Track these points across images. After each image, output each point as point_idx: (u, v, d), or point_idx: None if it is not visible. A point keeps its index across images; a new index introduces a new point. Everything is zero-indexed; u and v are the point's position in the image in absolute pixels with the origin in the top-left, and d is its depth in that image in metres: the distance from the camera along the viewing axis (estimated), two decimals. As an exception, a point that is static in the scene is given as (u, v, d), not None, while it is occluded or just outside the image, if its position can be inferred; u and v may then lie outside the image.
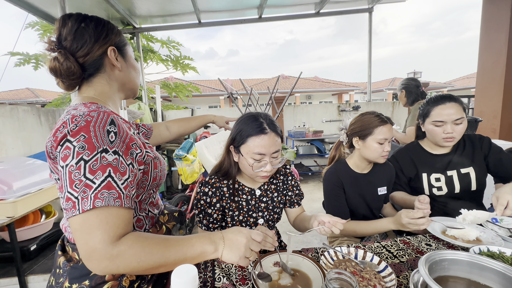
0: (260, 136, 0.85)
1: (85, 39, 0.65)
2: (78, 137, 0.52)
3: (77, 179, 0.50)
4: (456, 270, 0.66)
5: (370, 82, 4.74)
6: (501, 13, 2.96)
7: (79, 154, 0.51)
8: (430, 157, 1.26)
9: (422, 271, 0.61)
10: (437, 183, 1.23)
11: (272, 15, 4.34)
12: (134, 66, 0.77)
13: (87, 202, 0.49)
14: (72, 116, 0.56)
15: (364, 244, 0.95)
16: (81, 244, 0.49)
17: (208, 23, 4.36)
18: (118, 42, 0.71)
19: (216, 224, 0.95)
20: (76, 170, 0.50)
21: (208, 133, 4.31)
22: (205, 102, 16.37)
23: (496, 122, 3.12)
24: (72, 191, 0.50)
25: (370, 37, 4.52)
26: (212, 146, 3.25)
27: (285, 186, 1.07)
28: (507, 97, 3.03)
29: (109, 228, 0.49)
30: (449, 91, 15.48)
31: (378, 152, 1.12)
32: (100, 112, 0.57)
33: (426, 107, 1.21)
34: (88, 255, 0.48)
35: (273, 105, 3.73)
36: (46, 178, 1.66)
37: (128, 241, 0.51)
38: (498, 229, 0.97)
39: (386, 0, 4.28)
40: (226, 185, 0.97)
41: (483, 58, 3.21)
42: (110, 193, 0.51)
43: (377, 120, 1.12)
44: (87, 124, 0.54)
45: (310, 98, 17.28)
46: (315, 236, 2.43)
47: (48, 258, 1.73)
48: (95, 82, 0.69)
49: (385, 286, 0.71)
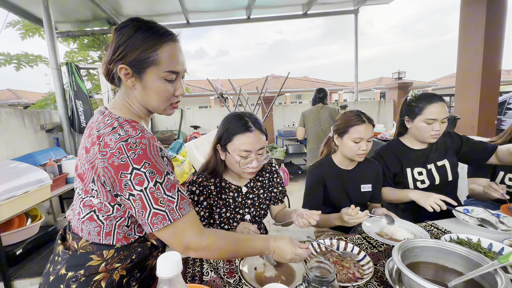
0: (246, 134, 0.90)
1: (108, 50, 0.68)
2: (143, 164, 0.60)
3: (160, 197, 0.60)
4: (426, 256, 0.72)
5: (357, 82, 4.86)
6: (477, 16, 3.11)
7: (152, 178, 0.60)
8: (411, 152, 1.33)
9: (395, 258, 0.66)
10: (420, 176, 1.30)
11: (260, 15, 4.38)
12: (155, 90, 0.67)
13: (175, 213, 0.61)
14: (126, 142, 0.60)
15: (346, 236, 1.00)
16: (177, 243, 0.63)
17: (197, 23, 4.36)
18: (137, 61, 0.64)
19: (204, 221, 0.98)
20: (157, 190, 0.60)
21: (198, 134, 4.31)
22: (195, 102, 16.26)
23: (474, 120, 3.27)
24: (158, 207, 0.60)
25: (356, 38, 4.63)
26: (202, 146, 3.26)
27: (271, 183, 1.11)
28: (484, 96, 3.18)
29: (193, 226, 0.64)
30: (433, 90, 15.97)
31: (353, 151, 1.16)
32: (149, 139, 0.64)
33: (419, 105, 1.24)
34: (186, 248, 0.64)
35: (262, 105, 3.78)
36: (32, 181, 1.63)
37: (212, 238, 0.66)
38: (469, 219, 1.05)
39: (371, 2, 4.40)
40: (213, 183, 1.00)
41: (462, 59, 3.37)
42: (184, 202, 0.64)
43: (355, 119, 1.16)
44: (144, 152, 0.61)
45: (300, 97, 17.45)
46: (304, 232, 2.49)
47: (34, 262, 1.71)
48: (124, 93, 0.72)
49: (363, 273, 0.76)
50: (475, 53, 3.16)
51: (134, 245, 0.71)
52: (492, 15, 3.03)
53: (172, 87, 0.69)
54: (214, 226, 1.03)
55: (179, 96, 0.72)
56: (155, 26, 0.66)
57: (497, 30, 3.07)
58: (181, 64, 0.69)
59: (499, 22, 3.07)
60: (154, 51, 0.64)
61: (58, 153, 2.42)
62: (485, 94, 3.16)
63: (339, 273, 0.76)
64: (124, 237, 0.69)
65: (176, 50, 0.68)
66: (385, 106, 4.96)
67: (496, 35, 3.08)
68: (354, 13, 4.51)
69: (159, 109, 0.73)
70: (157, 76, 0.66)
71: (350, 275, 0.75)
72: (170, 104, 0.73)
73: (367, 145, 1.15)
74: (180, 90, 0.71)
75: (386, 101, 4.94)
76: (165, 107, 0.72)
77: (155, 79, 0.66)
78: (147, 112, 0.74)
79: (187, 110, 4.63)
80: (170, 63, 0.66)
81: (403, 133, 1.40)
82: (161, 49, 0.64)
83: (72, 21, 3.83)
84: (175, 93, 0.71)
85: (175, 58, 0.67)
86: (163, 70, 0.65)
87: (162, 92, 0.68)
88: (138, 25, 0.65)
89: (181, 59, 0.69)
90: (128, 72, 0.65)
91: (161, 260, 0.41)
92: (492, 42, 3.08)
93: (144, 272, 0.75)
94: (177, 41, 0.68)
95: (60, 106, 2.70)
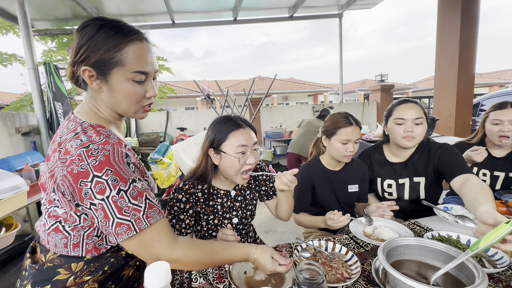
0: (239, 130, 0.92)
1: (71, 52, 0.64)
2: (104, 172, 0.56)
3: (124, 205, 0.57)
4: (409, 254, 0.74)
5: (342, 84, 4.98)
6: (453, 21, 3.28)
7: (115, 186, 0.57)
8: (385, 163, 1.32)
9: (381, 257, 0.68)
10: (388, 188, 1.30)
11: (247, 17, 4.39)
12: (122, 92, 0.63)
13: (141, 222, 0.58)
14: (87, 148, 0.57)
15: (334, 237, 1.02)
16: (146, 255, 0.60)
17: (182, 24, 4.31)
18: (100, 62, 0.60)
19: (189, 229, 0.96)
20: (120, 199, 0.57)
21: (185, 136, 4.25)
22: (181, 103, 16.00)
23: (451, 121, 3.44)
24: (122, 216, 0.57)
25: (340, 41, 4.75)
26: (189, 149, 3.21)
27: (257, 183, 1.11)
28: (460, 98, 3.36)
29: (163, 236, 0.61)
30: (413, 92, 16.67)
31: (341, 152, 1.18)
32: (114, 145, 0.61)
33: (390, 108, 1.29)
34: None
35: (250, 107, 3.78)
36: (7, 187, 1.54)
37: (183, 250, 0.62)
38: (448, 216, 1.10)
39: (354, 7, 4.53)
40: (200, 190, 0.98)
41: (439, 62, 3.54)
42: (153, 211, 0.61)
43: (343, 121, 1.18)
44: (107, 159, 0.57)
45: (287, 99, 17.63)
46: (293, 234, 2.52)
47: (10, 274, 1.61)
48: (91, 96, 0.68)
49: (351, 273, 0.77)
50: (451, 57, 3.33)
51: (107, 256, 0.68)
52: (466, 21, 3.21)
53: (141, 89, 0.65)
54: (201, 233, 1.01)
55: (151, 98, 0.69)
56: (119, 25, 0.62)
57: (470, 35, 3.26)
58: (150, 64, 0.66)
59: (472, 28, 3.26)
60: (119, 51, 0.60)
61: (35, 158, 2.30)
62: (461, 96, 3.34)
63: (328, 273, 0.77)
64: (94, 247, 0.65)
65: (144, 50, 0.64)
66: (369, 108, 5.11)
67: (470, 40, 3.26)
68: (339, 17, 4.63)
69: (129, 112, 0.68)
70: (124, 78, 0.62)
71: (338, 275, 0.76)
72: (141, 107, 0.69)
73: (354, 147, 1.17)
74: (151, 91, 0.67)
75: (370, 103, 5.09)
76: (135, 110, 0.68)
77: (121, 80, 0.62)
78: (117, 116, 0.71)
79: (173, 112, 4.55)
80: (137, 63, 0.62)
81: (386, 141, 1.37)
82: (126, 49, 0.61)
83: (50, 19, 3.67)
84: (146, 95, 0.67)
85: (143, 58, 0.63)
86: (130, 71, 0.62)
87: (131, 94, 0.64)
88: (101, 24, 0.61)
89: (150, 59, 0.65)
90: (92, 74, 0.62)
91: (148, 271, 0.40)
92: (466, 47, 3.26)
93: (119, 283, 0.72)
94: (144, 40, 0.64)
95: (38, 108, 2.57)
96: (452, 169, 1.12)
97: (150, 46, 0.67)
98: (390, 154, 1.33)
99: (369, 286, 0.73)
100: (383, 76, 4.97)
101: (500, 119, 1.32)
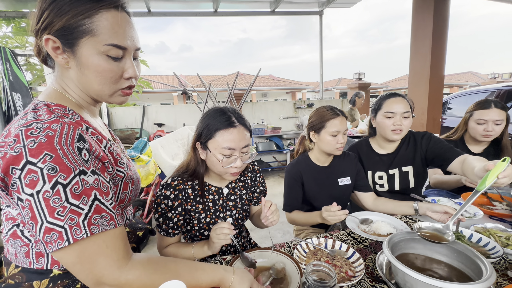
0: (229, 129, 0.82)
1: (34, 17, 0.52)
2: (42, 157, 0.44)
3: (58, 205, 0.44)
4: (413, 248, 0.73)
5: (322, 81, 5.06)
6: (426, 24, 3.46)
7: (51, 177, 0.44)
8: (375, 156, 1.36)
9: (386, 252, 0.66)
10: (380, 180, 1.34)
11: (227, 9, 4.26)
12: (93, 68, 0.53)
13: (79, 229, 0.45)
14: (28, 127, 0.45)
15: (330, 233, 1.00)
16: (85, 274, 0.47)
17: (159, 13, 4.06)
18: (65, 29, 0.50)
19: (177, 229, 0.88)
20: (55, 196, 0.44)
21: (163, 132, 4.03)
22: (157, 99, 15.32)
23: (423, 118, 3.65)
24: (54, 220, 0.44)
25: (321, 38, 4.81)
26: (169, 145, 3.05)
27: (253, 183, 1.05)
28: (432, 96, 3.57)
29: (111, 251, 0.48)
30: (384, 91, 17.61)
31: (332, 145, 1.17)
32: (65, 124, 0.48)
33: (379, 101, 1.31)
34: (97, 282, 0.47)
35: (233, 102, 3.69)
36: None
37: (136, 272, 0.49)
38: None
39: (334, 5, 4.60)
40: (190, 186, 0.90)
41: (413, 62, 3.72)
42: (102, 216, 0.48)
43: (330, 113, 1.18)
44: (50, 140, 0.45)
45: (265, 96, 17.68)
46: (278, 230, 2.50)
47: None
48: (59, 76, 0.57)
49: (355, 271, 0.75)
50: (424, 57, 3.51)
51: None
52: (438, 24, 3.40)
53: (118, 67, 0.55)
54: (192, 233, 0.93)
55: (131, 79, 0.58)
56: None
57: (441, 38, 3.46)
58: (130, 38, 0.55)
59: (442, 31, 3.46)
60: (89, 17, 0.50)
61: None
62: (432, 95, 3.55)
63: (332, 273, 0.74)
64: None
65: (121, 20, 0.53)
66: (347, 105, 5.27)
67: (440, 43, 3.47)
68: (319, 14, 4.67)
69: (103, 94, 0.57)
70: (95, 50, 0.51)
71: (343, 274, 0.73)
72: (119, 89, 0.58)
73: (344, 138, 1.17)
74: (130, 71, 0.56)
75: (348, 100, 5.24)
76: (111, 92, 0.57)
77: (92, 53, 0.52)
78: (90, 100, 0.60)
79: (149, 107, 4.30)
80: (112, 35, 0.52)
81: (372, 134, 1.43)
82: (98, 16, 0.51)
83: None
84: (124, 75, 0.56)
85: (119, 29, 0.53)
86: (103, 43, 0.51)
87: (104, 71, 0.53)
88: None
89: (129, 32, 0.55)
90: (58, 45, 0.51)
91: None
92: (437, 49, 3.46)
93: None
94: (122, 9, 0.54)
95: (-9, 100, 2.25)
96: (446, 154, 1.18)
97: (130, 19, 0.57)
98: (378, 146, 1.37)
99: (374, 283, 0.71)
100: (360, 74, 5.14)
101: (485, 119, 1.38)
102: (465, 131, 1.53)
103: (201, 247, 0.85)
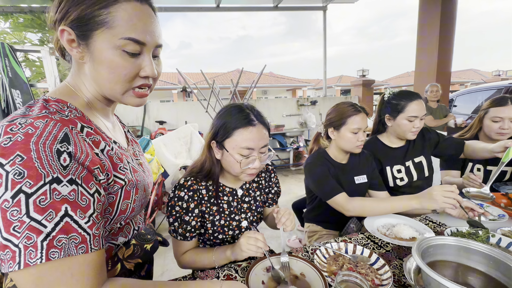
0: (248, 128, 0.76)
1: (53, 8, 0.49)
2: (12, 159, 0.38)
3: (16, 219, 0.37)
4: (445, 255, 0.69)
5: (325, 78, 5.00)
6: (433, 20, 3.40)
7: (15, 183, 0.37)
8: (390, 150, 1.35)
9: (418, 260, 0.61)
10: (399, 174, 1.33)
11: (230, 4, 4.18)
12: (106, 63, 0.48)
13: (34, 252, 0.37)
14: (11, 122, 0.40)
15: (349, 236, 0.95)
16: None
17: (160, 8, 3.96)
18: (80, 19, 0.46)
19: (194, 233, 0.83)
20: (14, 207, 0.37)
21: (165, 130, 3.98)
22: (156, 96, 15.22)
23: (429, 115, 3.60)
24: (9, 237, 0.37)
25: (325, 34, 4.74)
26: (172, 144, 3.00)
27: (267, 184, 1.01)
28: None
29: (76, 281, 0.40)
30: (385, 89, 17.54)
31: (353, 142, 1.12)
32: (51, 121, 0.42)
33: (402, 104, 1.25)
34: None
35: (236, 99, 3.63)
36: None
37: None
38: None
39: (338, 0, 4.52)
40: (204, 187, 0.85)
41: (420, 59, 3.67)
42: (70, 238, 0.39)
43: (351, 109, 1.13)
44: (26, 139, 0.39)
45: (266, 93, 17.59)
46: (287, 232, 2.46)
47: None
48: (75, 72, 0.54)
49: (381, 279, 0.70)
50: (431, 53, 3.46)
51: None
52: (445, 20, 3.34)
53: (133, 64, 0.49)
54: (205, 237, 0.89)
55: (149, 79, 0.53)
56: None
57: (449, 34, 3.40)
58: (150, 33, 0.50)
59: (450, 28, 3.40)
60: (106, 7, 0.46)
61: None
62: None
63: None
64: None
65: (142, 13, 0.49)
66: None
67: (448, 39, 3.41)
68: (323, 10, 4.60)
69: (114, 93, 0.52)
70: (110, 44, 0.47)
71: (369, 282, 0.69)
72: (131, 88, 0.52)
73: (364, 136, 1.13)
74: (147, 69, 0.51)
75: (352, 97, 5.19)
76: (122, 90, 0.51)
77: (106, 47, 0.47)
78: (102, 99, 0.55)
79: (151, 104, 4.24)
80: (130, 28, 0.47)
81: (381, 131, 1.41)
82: (116, 7, 0.46)
83: (3, -7, 3.17)
84: (140, 73, 0.51)
85: (139, 22, 0.48)
86: (119, 36, 0.46)
87: (117, 68, 0.48)
88: None
89: (151, 27, 0.50)
90: (72, 37, 0.47)
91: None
92: (445, 45, 3.40)
93: None
94: (145, 1, 0.50)
95: (-10, 97, 2.19)
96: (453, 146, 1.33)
97: (152, 13, 0.52)
98: (389, 142, 1.37)
99: (403, 293, 0.67)
100: (364, 71, 5.08)
101: (501, 117, 1.33)
102: (480, 129, 1.48)
103: (223, 252, 0.79)
